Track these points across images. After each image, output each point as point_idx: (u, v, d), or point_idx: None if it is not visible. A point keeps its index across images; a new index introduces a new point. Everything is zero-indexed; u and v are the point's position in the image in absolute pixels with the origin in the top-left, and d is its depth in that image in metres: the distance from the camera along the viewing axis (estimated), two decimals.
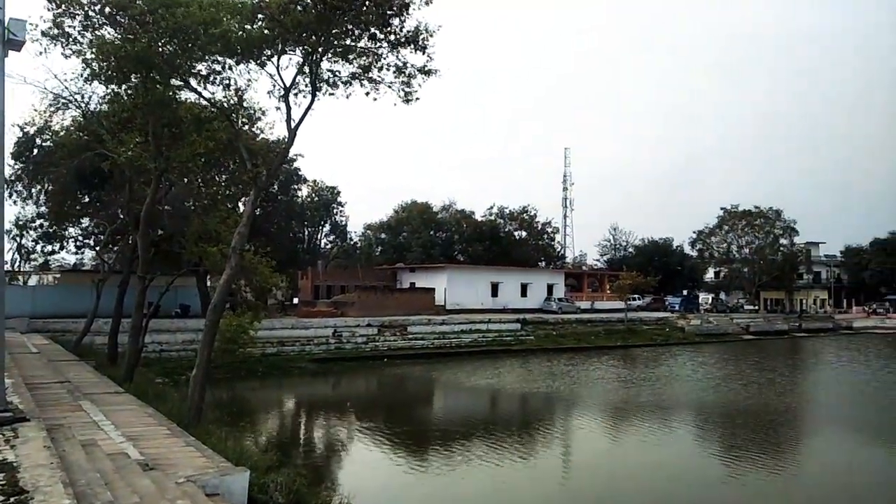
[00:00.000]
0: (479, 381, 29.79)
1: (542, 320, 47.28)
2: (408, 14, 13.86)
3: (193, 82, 15.60)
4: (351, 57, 14.92)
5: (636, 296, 62.06)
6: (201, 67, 15.35)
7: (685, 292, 74.61)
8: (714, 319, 58.33)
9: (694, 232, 79.11)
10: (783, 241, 73.91)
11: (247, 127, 19.13)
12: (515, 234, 79.33)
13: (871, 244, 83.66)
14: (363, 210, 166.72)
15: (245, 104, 17.17)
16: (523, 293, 56.30)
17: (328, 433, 20.86)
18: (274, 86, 15.21)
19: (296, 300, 53.74)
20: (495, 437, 18.56)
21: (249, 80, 15.94)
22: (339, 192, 66.56)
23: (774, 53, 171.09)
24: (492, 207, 79.26)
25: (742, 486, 14.54)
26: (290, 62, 15.01)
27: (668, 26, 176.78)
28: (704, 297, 75.94)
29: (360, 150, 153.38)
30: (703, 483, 15.01)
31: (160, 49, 14.11)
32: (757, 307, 74.63)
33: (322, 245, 69.75)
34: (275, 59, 14.68)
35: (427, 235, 71.78)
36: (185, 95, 17.23)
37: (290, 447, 17.61)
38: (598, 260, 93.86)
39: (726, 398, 25.88)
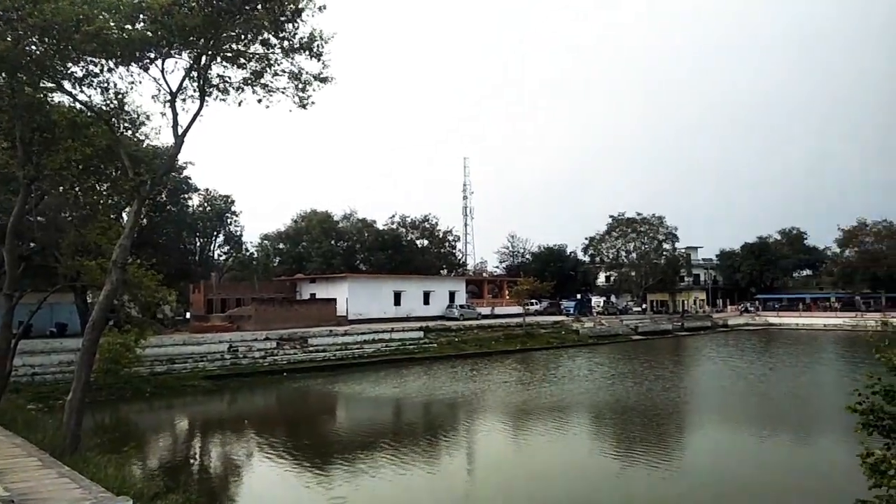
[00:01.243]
0: (383, 390, 29.63)
1: (445, 327, 47.77)
2: (301, 20, 13.61)
3: (67, 85, 14.46)
4: (242, 62, 14.43)
5: (534, 301, 64.15)
6: (76, 69, 14.27)
7: (579, 296, 77.90)
8: (606, 321, 61.31)
9: (586, 238, 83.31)
10: (666, 246, 79.11)
11: (129, 133, 17.97)
12: (417, 242, 79.76)
13: (742, 248, 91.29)
14: (262, 220, 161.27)
15: (127, 108, 16.12)
16: (426, 301, 56.62)
17: (224, 453, 19.95)
18: (159, 90, 14.44)
19: (188, 315, 51.08)
20: (400, 445, 18.53)
21: (132, 84, 15.01)
22: (233, 202, 64.03)
23: (650, 66, 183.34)
24: (394, 216, 79.28)
25: (632, 478, 15.40)
26: (177, 66, 14.31)
27: (563, 35, 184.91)
28: (597, 301, 79.61)
29: (258, 159, 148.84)
30: (599, 477, 15.74)
31: (28, 48, 13.02)
32: (644, 308, 79.26)
33: (215, 257, 66.74)
34: (159, 62, 13.92)
35: (328, 245, 70.62)
36: (59, 98, 15.99)
37: (180, 471, 16.68)
38: (497, 267, 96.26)
39: (619, 395, 27.25)
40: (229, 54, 14.24)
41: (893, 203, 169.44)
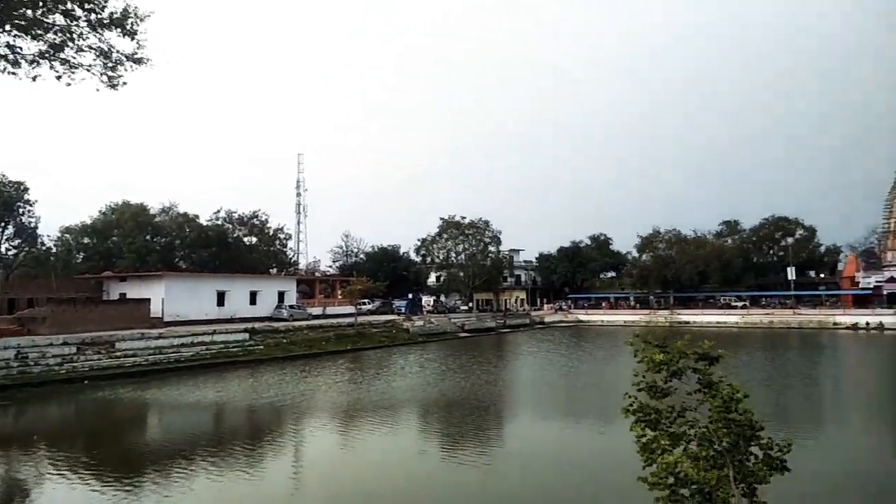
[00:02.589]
0: (203, 396, 27.84)
1: (273, 329, 46.12)
2: None
3: None
4: (38, 32, 12.78)
5: (366, 300, 64.30)
6: None
7: (410, 296, 79.53)
8: (435, 320, 63.23)
9: (418, 239, 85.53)
10: (491, 248, 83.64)
11: None
12: (245, 239, 76.24)
13: (558, 251, 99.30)
14: (66, 211, 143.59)
15: None
16: (252, 301, 54.22)
17: (5, 477, 17.46)
18: None
19: None
20: (221, 452, 17.58)
21: None
22: (26, 189, 56.36)
23: (478, 79, 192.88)
24: (219, 211, 75.16)
25: (455, 468, 16.09)
26: None
27: (399, 46, 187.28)
28: (427, 300, 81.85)
29: (65, 142, 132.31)
30: (423, 472, 16.20)
31: None
32: (471, 307, 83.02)
33: (3, 251, 58.25)
34: None
35: (142, 240, 64.89)
36: None
37: None
38: (330, 266, 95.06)
39: (445, 391, 28.28)
40: (22, 22, 12.54)
41: (683, 214, 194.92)
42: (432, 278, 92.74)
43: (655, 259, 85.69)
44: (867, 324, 64.29)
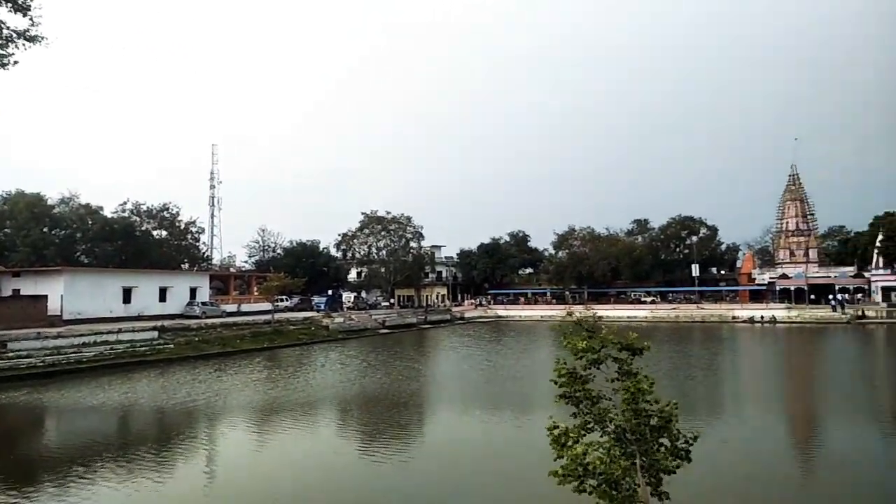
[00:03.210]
0: (107, 398, 26.23)
1: (184, 326, 44.20)
2: None
3: None
4: None
5: (284, 297, 62.80)
6: None
7: (330, 292, 78.37)
8: (356, 316, 62.64)
9: (339, 234, 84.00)
10: (413, 244, 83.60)
11: None
12: (154, 233, 72.65)
13: (478, 248, 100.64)
14: None
15: None
16: (162, 298, 51.70)
17: None
18: None
19: None
20: (126, 458, 16.64)
21: None
22: None
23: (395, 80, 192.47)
24: (125, 203, 71.21)
25: (373, 466, 16.00)
26: None
27: (319, 32, 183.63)
28: (347, 296, 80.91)
29: None
30: (340, 470, 16.00)
31: None
32: (392, 303, 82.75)
33: None
34: None
35: (38, 233, 60.52)
36: None
37: None
38: (246, 262, 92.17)
39: (365, 387, 28.08)
40: None
41: (597, 212, 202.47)
42: (353, 274, 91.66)
43: (571, 256, 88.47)
44: (762, 317, 69.09)
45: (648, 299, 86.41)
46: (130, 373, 32.81)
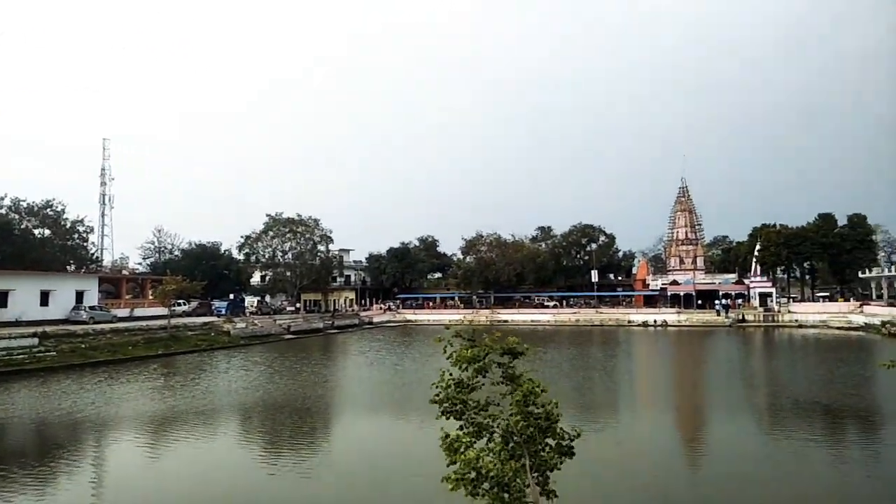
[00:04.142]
0: None
1: (69, 332, 41.10)
2: None
3: None
4: None
5: (182, 301, 59.80)
6: None
7: (232, 296, 75.51)
8: (259, 321, 60.69)
9: (242, 236, 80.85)
10: (321, 247, 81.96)
11: None
12: (36, 231, 67.20)
13: (388, 252, 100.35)
14: None
15: None
16: (44, 302, 47.85)
17: None
18: None
19: None
20: (2, 476, 15.30)
21: None
22: None
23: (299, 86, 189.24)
24: (2, 198, 65.34)
25: (274, 476, 15.61)
26: None
27: (224, 29, 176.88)
28: (250, 300, 78.24)
29: None
30: (240, 480, 15.48)
31: None
32: (298, 308, 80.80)
33: None
34: None
35: None
36: None
37: None
38: (140, 264, 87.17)
39: (267, 395, 27.28)
40: None
41: (504, 219, 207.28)
42: (256, 278, 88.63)
43: (478, 261, 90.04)
44: (654, 321, 73.33)
45: (551, 304, 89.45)
46: (6, 382, 30.15)
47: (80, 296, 51.29)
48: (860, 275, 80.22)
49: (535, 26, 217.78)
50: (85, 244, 73.54)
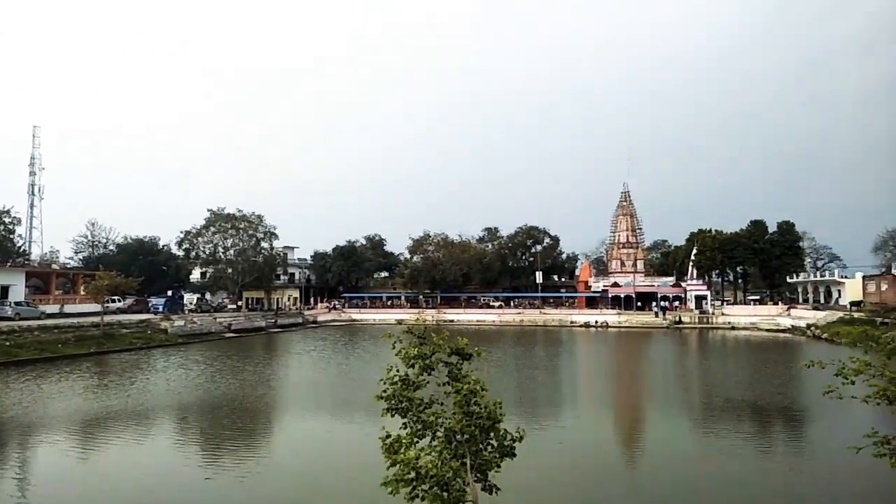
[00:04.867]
0: None
1: None
2: None
3: None
4: None
5: (116, 298, 57.51)
6: None
7: (170, 293, 73.12)
8: (198, 319, 58.97)
9: (182, 232, 78.28)
10: (264, 244, 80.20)
11: None
12: None
13: (334, 250, 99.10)
14: None
15: None
16: None
17: None
18: None
19: None
20: None
21: None
22: None
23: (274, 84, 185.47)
24: None
25: (212, 479, 15.24)
26: None
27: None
28: (189, 298, 75.90)
29: None
30: (175, 482, 15.05)
31: None
32: (240, 306, 78.90)
33: None
34: None
35: None
36: None
37: None
38: (72, 258, 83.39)
39: (206, 395, 26.58)
40: None
41: (451, 219, 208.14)
42: (196, 275, 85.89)
43: (425, 260, 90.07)
44: (596, 322, 75.10)
45: (497, 304, 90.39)
46: None
47: (4, 290, 48.79)
48: (788, 279, 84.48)
49: (475, 26, 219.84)
50: (11, 236, 69.80)
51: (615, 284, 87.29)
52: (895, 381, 8.28)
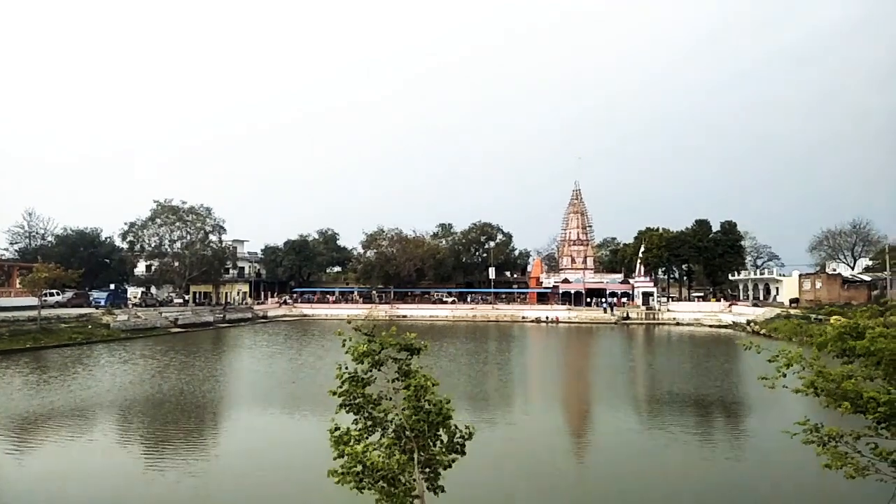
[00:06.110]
0: None
1: None
2: None
3: None
4: None
5: (55, 291, 55.23)
6: None
7: (113, 286, 70.63)
8: (142, 314, 57.26)
9: (126, 223, 75.56)
10: (213, 237, 78.27)
11: None
12: None
13: (285, 244, 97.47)
14: None
15: None
16: None
17: None
18: None
19: None
20: None
21: None
22: None
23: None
24: None
25: (158, 476, 14.90)
26: None
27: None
28: (133, 292, 73.47)
29: None
30: (123, 480, 14.66)
31: None
32: (187, 300, 76.81)
33: None
34: None
35: None
36: None
37: None
38: (7, 249, 79.51)
39: (151, 390, 25.88)
40: None
41: (405, 215, 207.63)
42: (141, 268, 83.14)
43: (379, 256, 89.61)
44: (547, 318, 76.30)
45: (450, 299, 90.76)
46: None
47: None
48: (730, 277, 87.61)
49: (448, 29, 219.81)
50: None
51: (566, 281, 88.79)
52: (823, 374, 8.75)
